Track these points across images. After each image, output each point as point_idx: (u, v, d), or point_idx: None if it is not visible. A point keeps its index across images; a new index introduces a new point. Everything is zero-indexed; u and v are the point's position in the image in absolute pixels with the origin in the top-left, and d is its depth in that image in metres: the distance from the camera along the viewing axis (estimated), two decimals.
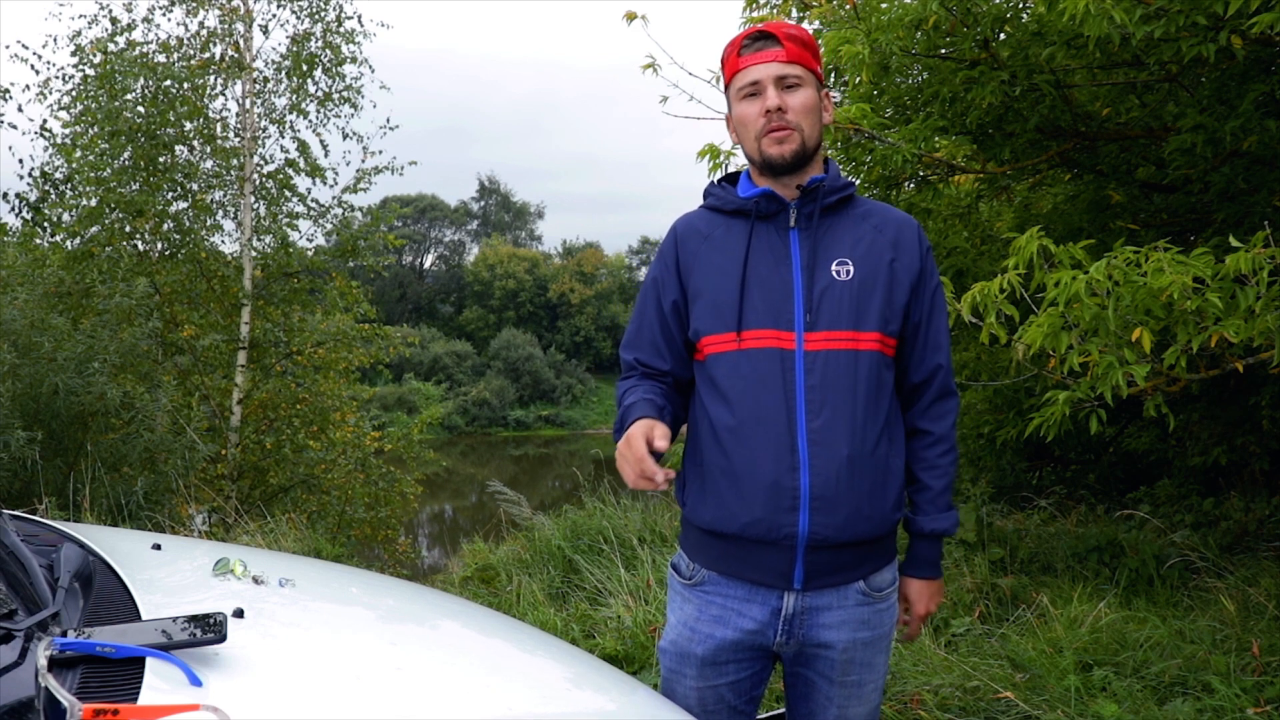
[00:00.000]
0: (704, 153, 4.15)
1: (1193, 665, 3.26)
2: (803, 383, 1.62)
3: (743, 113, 1.70)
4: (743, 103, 1.70)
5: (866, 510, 1.63)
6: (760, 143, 1.68)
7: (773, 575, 1.66)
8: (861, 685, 1.75)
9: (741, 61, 1.69)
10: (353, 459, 9.88)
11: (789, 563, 1.64)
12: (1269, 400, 5.09)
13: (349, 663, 1.41)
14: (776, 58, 1.67)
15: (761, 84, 1.67)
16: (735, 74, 1.71)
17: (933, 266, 1.76)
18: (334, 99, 10.30)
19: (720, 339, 1.67)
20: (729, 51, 1.73)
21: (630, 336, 1.81)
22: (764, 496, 1.61)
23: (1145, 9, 3.03)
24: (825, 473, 1.60)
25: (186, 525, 6.35)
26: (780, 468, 1.61)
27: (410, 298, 53.43)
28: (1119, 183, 5.00)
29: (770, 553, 1.64)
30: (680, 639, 1.75)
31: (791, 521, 1.61)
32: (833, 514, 1.61)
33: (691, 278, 1.73)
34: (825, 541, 1.62)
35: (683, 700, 1.75)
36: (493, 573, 5.11)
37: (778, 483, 1.60)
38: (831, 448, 1.60)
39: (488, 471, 29.59)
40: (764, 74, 1.67)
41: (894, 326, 1.69)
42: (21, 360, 6.30)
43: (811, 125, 1.69)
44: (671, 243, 1.78)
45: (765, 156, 1.68)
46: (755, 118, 1.68)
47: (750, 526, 1.63)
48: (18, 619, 1.29)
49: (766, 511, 1.61)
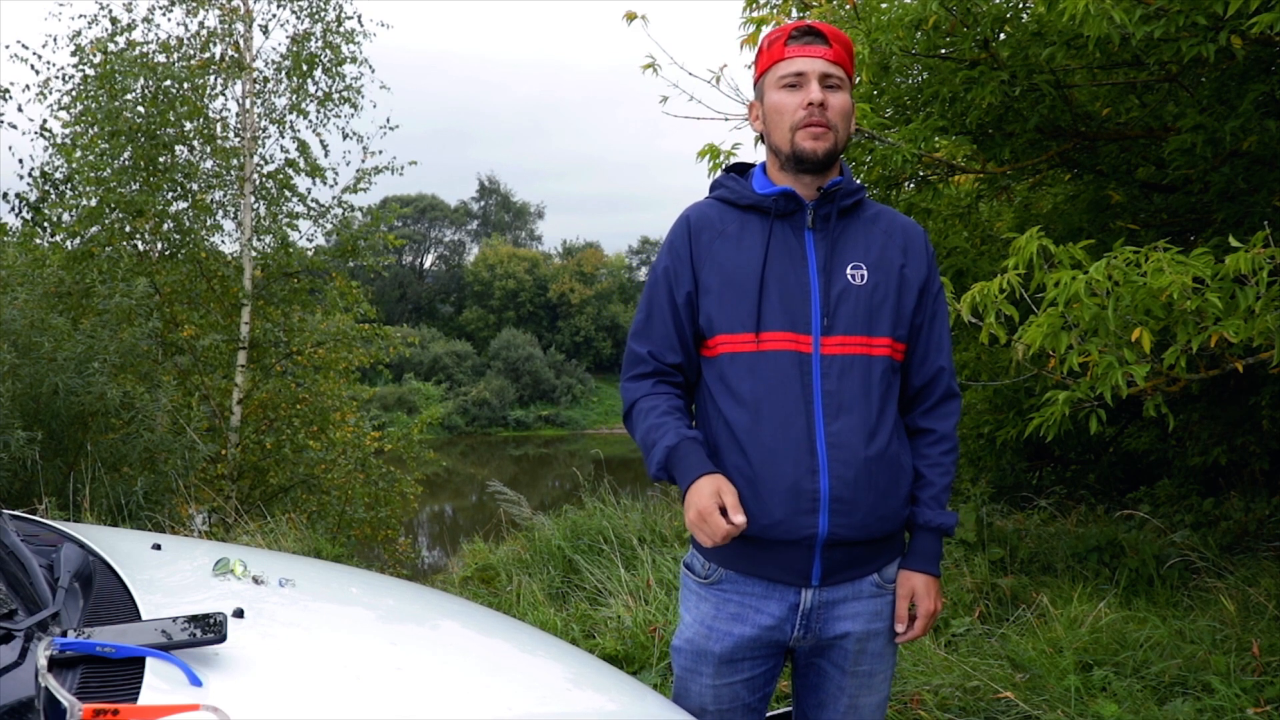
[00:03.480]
0: (704, 153, 4.15)
1: (1193, 665, 3.26)
2: (820, 387, 1.64)
3: (781, 101, 1.68)
4: (781, 92, 1.68)
5: (882, 510, 1.66)
6: (795, 134, 1.67)
7: (791, 573, 1.67)
8: (873, 675, 1.76)
9: (788, 51, 1.68)
10: (353, 459, 9.88)
11: (807, 561, 1.66)
12: (1269, 400, 5.09)
13: (349, 663, 1.41)
14: (824, 55, 1.67)
15: (806, 76, 1.66)
16: (777, 63, 1.69)
17: (936, 272, 1.79)
18: (334, 99, 10.29)
19: (738, 339, 1.67)
20: (773, 40, 1.72)
21: (640, 326, 1.78)
22: (784, 499, 1.62)
23: (1145, 9, 3.03)
24: (844, 475, 1.62)
25: (186, 525, 6.35)
26: (800, 470, 1.62)
27: (410, 298, 53.44)
28: (1119, 183, 5.00)
29: (789, 551, 1.66)
30: (697, 637, 1.75)
31: (811, 524, 1.62)
32: (851, 515, 1.63)
33: (704, 271, 1.72)
34: (843, 541, 1.65)
35: (697, 699, 1.75)
36: (493, 573, 5.11)
37: (797, 485, 1.62)
38: (849, 450, 1.63)
39: (488, 471, 29.58)
40: (810, 68, 1.66)
41: (902, 331, 1.71)
42: (21, 360, 6.30)
43: (845, 128, 1.70)
44: (684, 233, 1.75)
45: (798, 150, 1.67)
46: (795, 109, 1.66)
47: (770, 529, 1.64)
48: (18, 619, 1.29)
49: (787, 514, 1.62)
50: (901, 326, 1.70)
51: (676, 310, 1.73)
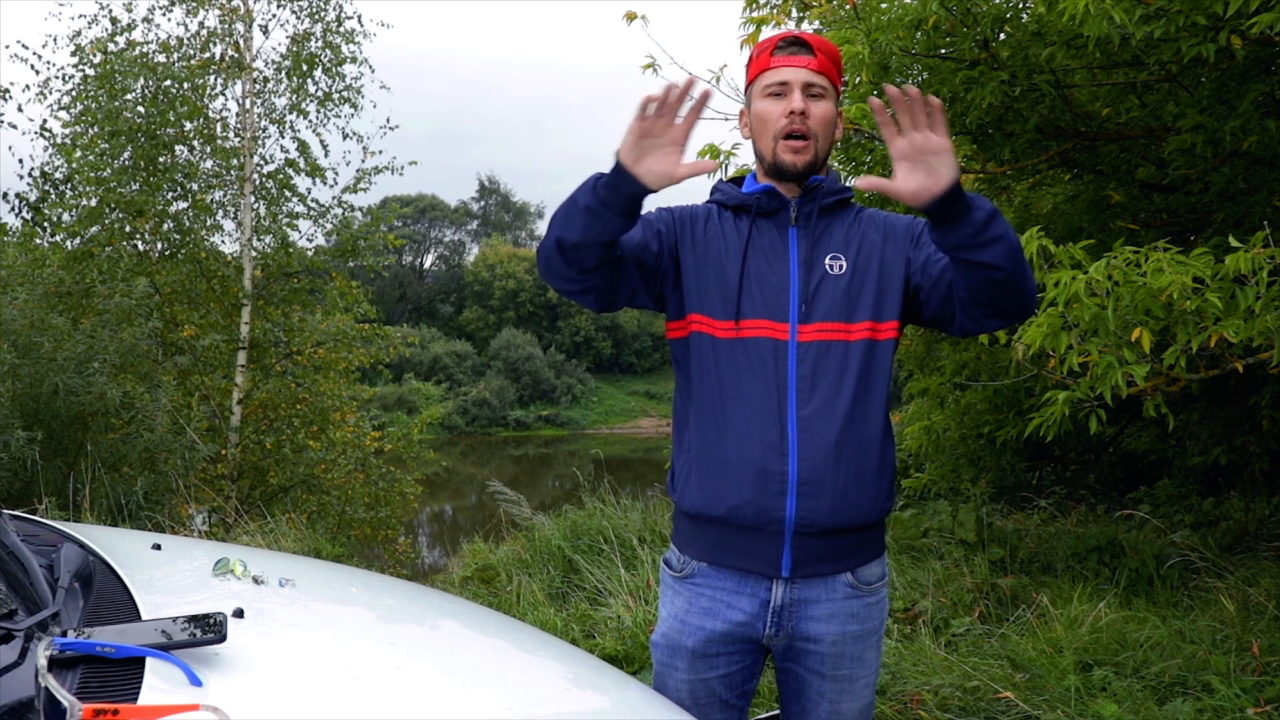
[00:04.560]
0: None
1: (1193, 665, 3.26)
2: (794, 372, 1.66)
3: (765, 110, 1.72)
4: (766, 100, 1.72)
5: (854, 496, 1.66)
6: (776, 145, 1.70)
7: (761, 562, 1.68)
8: (853, 680, 1.76)
9: (773, 61, 1.72)
10: (353, 459, 9.88)
11: (777, 549, 1.67)
12: (1269, 400, 5.09)
13: (349, 663, 1.41)
14: (808, 65, 1.70)
15: (790, 85, 1.70)
16: (763, 72, 1.74)
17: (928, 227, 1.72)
18: (334, 99, 10.28)
19: (716, 324, 1.70)
20: (760, 50, 1.77)
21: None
22: (752, 480, 1.64)
23: (1145, 9, 3.03)
24: (813, 458, 1.63)
25: (186, 525, 6.35)
26: (769, 453, 1.64)
27: (410, 298, 53.43)
28: (1119, 183, 5.00)
29: (758, 539, 1.67)
30: (671, 632, 1.77)
31: (779, 506, 1.64)
32: (819, 499, 1.64)
33: (684, 250, 1.74)
34: (812, 527, 1.65)
35: (674, 693, 1.76)
36: (493, 573, 5.11)
37: (766, 468, 1.64)
38: (821, 434, 1.64)
39: (488, 471, 29.58)
40: (793, 77, 1.70)
41: (891, 313, 1.70)
42: (21, 360, 6.30)
43: (826, 137, 1.73)
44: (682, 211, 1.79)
45: (779, 162, 1.71)
46: (777, 117, 1.70)
47: (737, 510, 1.66)
48: (18, 619, 1.29)
49: (754, 495, 1.64)
50: (888, 309, 1.70)
51: (647, 224, 1.73)
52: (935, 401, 6.75)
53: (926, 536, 5.05)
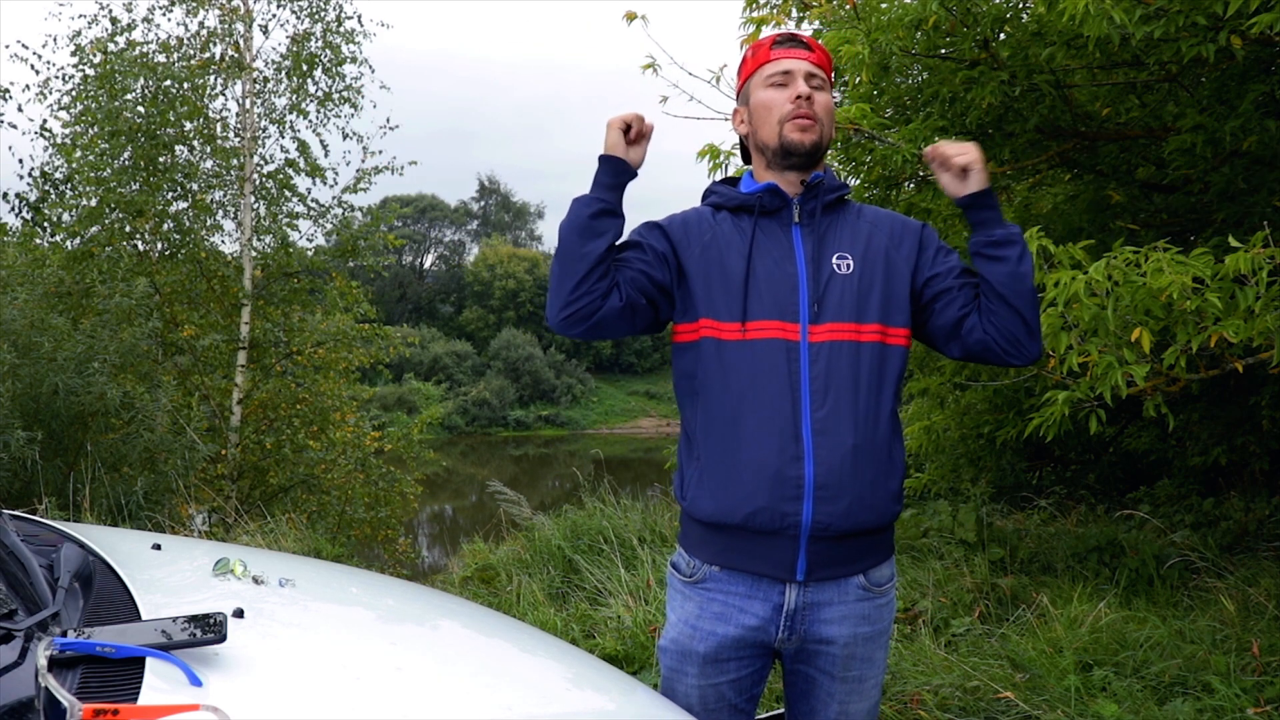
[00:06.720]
0: (704, 153, 4.15)
1: (1193, 665, 3.26)
2: (807, 373, 1.64)
3: (769, 98, 1.75)
4: (769, 90, 1.75)
5: (869, 499, 1.65)
6: (783, 127, 1.72)
7: (775, 566, 1.66)
8: (862, 681, 1.75)
9: (774, 54, 1.77)
10: (353, 459, 9.88)
11: (792, 553, 1.65)
12: (1269, 400, 5.09)
13: (349, 663, 1.41)
14: (808, 58, 1.77)
15: (793, 74, 1.74)
16: (765, 64, 1.77)
17: (933, 236, 1.78)
18: (334, 99, 10.29)
19: (724, 326, 1.68)
20: (758, 46, 1.80)
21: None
22: (768, 486, 1.62)
23: (1145, 9, 3.03)
24: (829, 462, 1.62)
25: (186, 525, 6.35)
26: (784, 457, 1.62)
27: (410, 298, 53.42)
28: (1119, 183, 5.00)
29: (773, 543, 1.65)
30: (681, 637, 1.75)
31: (795, 510, 1.62)
32: (835, 503, 1.62)
33: (687, 257, 1.72)
34: (828, 531, 1.63)
35: (683, 699, 1.75)
36: (493, 573, 5.11)
37: (781, 472, 1.62)
38: (836, 437, 1.62)
39: (488, 471, 29.57)
40: (796, 66, 1.75)
41: (899, 318, 1.70)
42: (21, 360, 6.30)
43: (829, 124, 1.76)
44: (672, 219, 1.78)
45: (786, 141, 1.72)
46: (783, 103, 1.73)
47: (753, 517, 1.63)
48: (18, 619, 1.28)
49: (770, 501, 1.62)
50: (897, 314, 1.70)
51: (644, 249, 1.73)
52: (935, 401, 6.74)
53: (926, 536, 5.04)
